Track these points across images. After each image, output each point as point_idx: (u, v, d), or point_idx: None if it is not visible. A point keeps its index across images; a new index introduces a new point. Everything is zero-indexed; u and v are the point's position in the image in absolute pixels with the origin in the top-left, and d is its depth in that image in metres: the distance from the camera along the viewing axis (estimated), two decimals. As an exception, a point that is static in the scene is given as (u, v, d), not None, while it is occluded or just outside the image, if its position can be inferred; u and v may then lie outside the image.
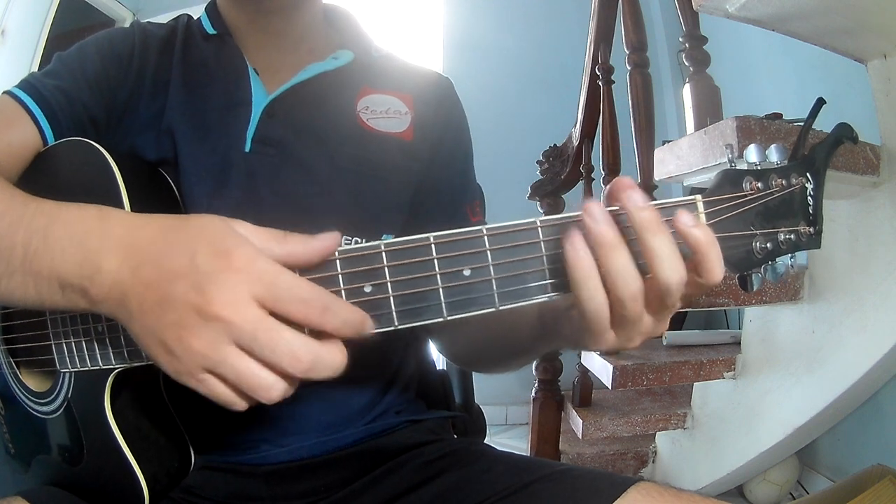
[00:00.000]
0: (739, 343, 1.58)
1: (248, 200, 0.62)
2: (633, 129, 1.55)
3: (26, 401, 0.61)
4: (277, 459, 0.61)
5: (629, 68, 1.58)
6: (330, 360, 0.36)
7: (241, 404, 0.37)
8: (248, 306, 0.34)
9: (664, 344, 1.70)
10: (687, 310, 1.50)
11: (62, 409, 0.57)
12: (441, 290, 0.39)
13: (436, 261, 0.39)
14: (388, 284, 0.39)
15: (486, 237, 0.39)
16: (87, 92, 0.61)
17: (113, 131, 0.63)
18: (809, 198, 0.43)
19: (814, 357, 1.36)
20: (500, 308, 0.39)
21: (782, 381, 1.43)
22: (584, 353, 1.76)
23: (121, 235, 0.38)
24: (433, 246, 0.39)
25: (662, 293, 0.38)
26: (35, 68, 2.67)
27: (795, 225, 0.43)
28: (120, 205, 0.51)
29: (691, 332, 1.79)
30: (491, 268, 0.39)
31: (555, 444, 1.83)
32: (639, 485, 0.52)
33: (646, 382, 1.53)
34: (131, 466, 0.53)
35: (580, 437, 1.74)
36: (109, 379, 0.52)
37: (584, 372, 1.78)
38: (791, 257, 0.44)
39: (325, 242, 0.38)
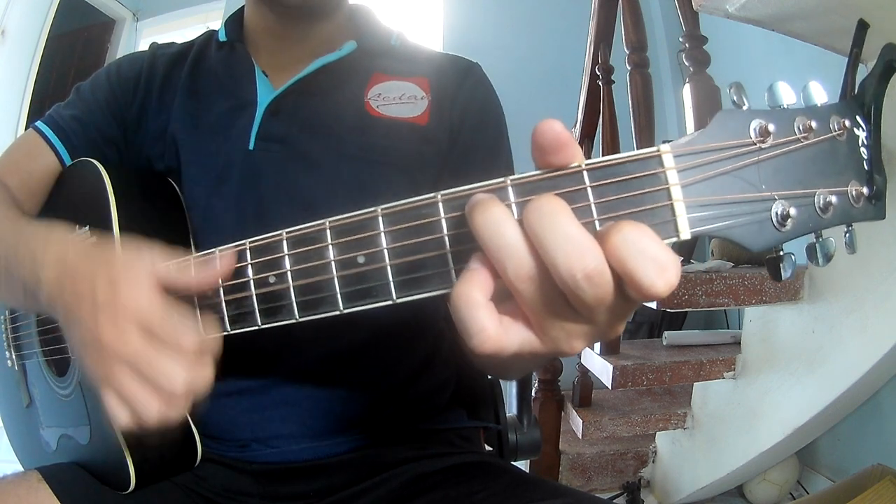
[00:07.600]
0: (739, 343, 1.58)
1: (248, 196, 0.63)
2: (633, 129, 1.55)
3: (52, 384, 0.65)
4: (266, 459, 0.62)
5: (629, 68, 1.58)
6: (200, 377, 0.39)
7: (126, 420, 0.39)
8: (130, 335, 0.38)
9: (664, 344, 1.70)
10: (687, 310, 1.50)
11: (75, 391, 0.61)
12: (336, 279, 0.35)
13: (331, 247, 0.35)
14: (289, 274, 0.37)
15: (380, 217, 0.34)
16: (99, 115, 0.68)
17: (129, 147, 0.69)
18: (863, 149, 0.32)
19: (814, 357, 1.36)
20: (398, 300, 0.34)
21: (782, 381, 1.43)
22: (583, 353, 1.76)
23: (56, 251, 0.44)
24: (328, 231, 0.35)
25: (569, 288, 0.29)
26: (35, 68, 2.68)
27: (842, 184, 0.31)
28: (108, 209, 0.57)
29: (691, 332, 1.79)
30: (385, 252, 0.34)
31: (555, 444, 1.83)
32: None
33: (646, 382, 1.53)
34: (119, 444, 0.54)
35: (580, 437, 1.74)
36: None
37: (584, 372, 1.78)
38: (847, 230, 0.33)
39: (199, 275, 0.40)
